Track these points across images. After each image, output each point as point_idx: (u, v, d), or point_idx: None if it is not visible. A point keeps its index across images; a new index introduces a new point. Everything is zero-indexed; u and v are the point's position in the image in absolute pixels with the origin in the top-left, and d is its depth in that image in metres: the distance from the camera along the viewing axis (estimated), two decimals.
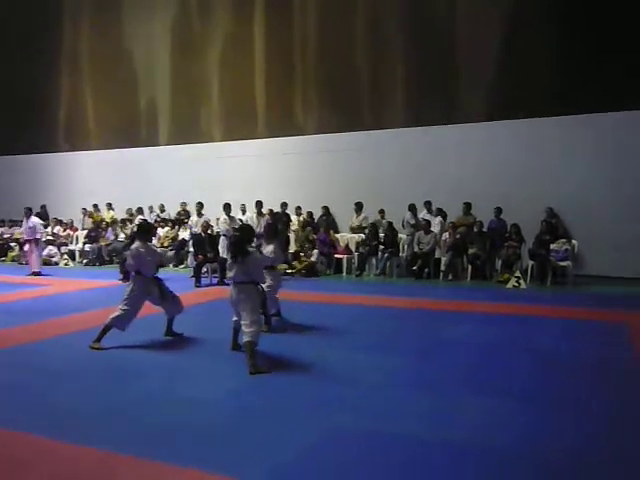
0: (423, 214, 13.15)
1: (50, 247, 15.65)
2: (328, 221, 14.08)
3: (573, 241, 11.57)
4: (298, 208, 14.41)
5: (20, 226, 17.18)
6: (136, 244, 6.04)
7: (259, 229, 12.07)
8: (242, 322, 5.27)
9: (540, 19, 12.69)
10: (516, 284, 10.63)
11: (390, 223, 12.91)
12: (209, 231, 12.00)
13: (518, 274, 10.84)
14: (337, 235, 13.84)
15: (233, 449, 3.44)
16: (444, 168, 13.35)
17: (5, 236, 17.27)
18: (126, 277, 10.76)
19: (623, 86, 11.74)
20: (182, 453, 3.36)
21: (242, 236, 5.47)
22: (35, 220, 13.26)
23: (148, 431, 3.70)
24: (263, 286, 5.78)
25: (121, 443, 3.49)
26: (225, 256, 11.75)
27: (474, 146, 13.15)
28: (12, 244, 16.81)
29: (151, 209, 16.22)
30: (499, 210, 12.37)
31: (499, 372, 5.05)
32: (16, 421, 3.87)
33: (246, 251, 5.34)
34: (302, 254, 12.92)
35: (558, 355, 5.68)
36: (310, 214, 14.39)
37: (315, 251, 12.97)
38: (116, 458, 3.32)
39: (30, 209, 13.66)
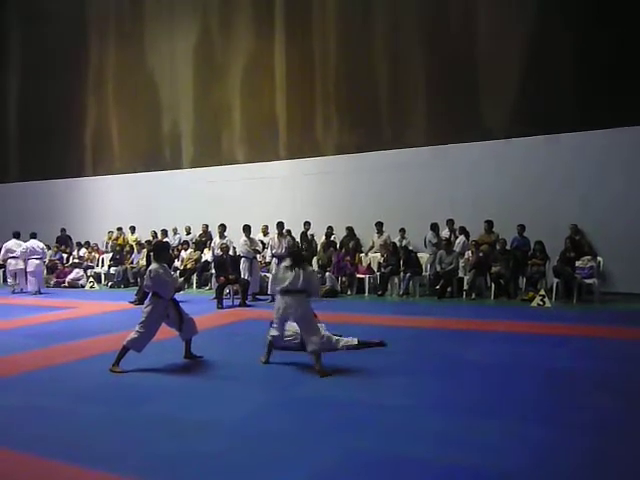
0: (445, 232, 13.10)
1: (77, 270, 15.90)
2: (352, 241, 13.99)
3: (598, 258, 11.38)
4: (329, 228, 14.40)
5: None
6: (154, 265, 6.05)
7: (280, 250, 12.14)
8: (303, 333, 5.72)
9: (561, 33, 12.63)
10: (541, 302, 10.47)
11: (406, 245, 12.99)
12: (230, 252, 12.05)
13: (543, 292, 10.68)
14: (360, 255, 13.81)
15: (247, 473, 3.41)
16: (465, 186, 13.30)
17: None
18: (140, 300, 10.79)
19: None
20: (191, 477, 3.34)
21: (299, 250, 5.85)
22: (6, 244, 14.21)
23: (162, 454, 3.69)
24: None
25: (133, 466, 3.48)
26: (247, 278, 11.84)
27: (496, 164, 13.09)
28: None
29: (175, 231, 16.42)
30: (522, 228, 12.25)
31: (519, 393, 4.95)
32: (27, 443, 3.87)
33: (305, 261, 5.80)
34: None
35: (581, 375, 5.55)
36: (329, 234, 14.34)
37: (327, 274, 12.92)
38: None
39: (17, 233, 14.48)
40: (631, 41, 11.92)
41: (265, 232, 14.47)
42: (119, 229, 17.17)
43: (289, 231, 13.61)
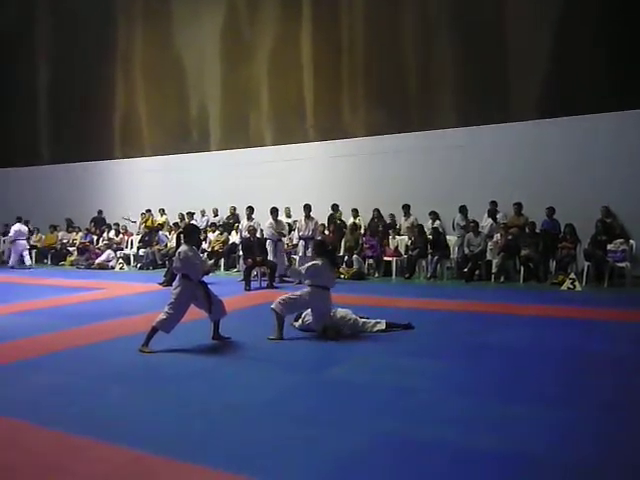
0: (484, 218, 12.86)
1: (108, 251, 16.09)
2: (379, 224, 13.96)
3: (631, 241, 11.14)
4: (354, 210, 14.40)
5: (76, 232, 17.87)
6: (183, 247, 6.09)
7: (307, 232, 12.14)
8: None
9: (592, 13, 12.31)
10: (571, 286, 10.32)
11: (437, 227, 12.86)
12: (257, 235, 12.08)
13: (573, 276, 10.53)
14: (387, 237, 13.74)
15: (272, 455, 3.43)
16: (494, 168, 13.09)
17: (64, 241, 17.84)
18: (168, 281, 10.75)
19: None
20: (220, 457, 3.37)
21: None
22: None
23: (191, 434, 3.73)
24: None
25: (159, 445, 3.52)
26: (274, 260, 11.85)
27: (524, 145, 12.89)
28: (70, 249, 17.37)
29: (203, 213, 16.53)
30: (552, 210, 12.04)
31: (548, 377, 4.89)
32: (56, 421, 3.93)
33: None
34: (345, 264, 12.83)
35: (612, 359, 5.47)
36: (356, 216, 14.36)
37: (355, 257, 12.87)
38: (152, 460, 3.35)
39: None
40: None
41: (288, 215, 14.52)
42: (148, 211, 17.32)
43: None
